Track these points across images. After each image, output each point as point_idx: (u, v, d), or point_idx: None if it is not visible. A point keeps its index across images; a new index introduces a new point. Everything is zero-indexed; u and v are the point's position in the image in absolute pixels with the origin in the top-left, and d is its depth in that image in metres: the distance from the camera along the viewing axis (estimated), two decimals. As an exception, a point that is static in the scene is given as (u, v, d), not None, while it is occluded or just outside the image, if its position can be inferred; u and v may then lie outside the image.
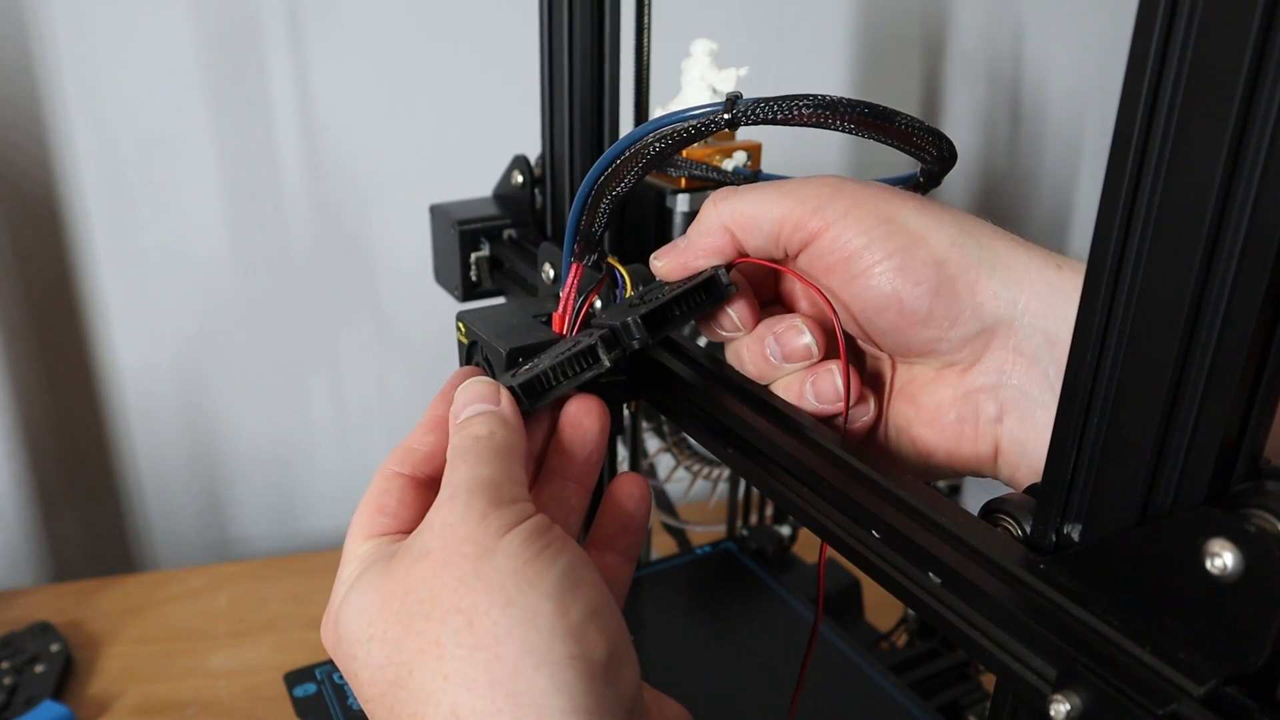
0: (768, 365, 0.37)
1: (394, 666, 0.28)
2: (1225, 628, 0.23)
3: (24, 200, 0.83)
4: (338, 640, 0.31)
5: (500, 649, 0.27)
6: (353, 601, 0.30)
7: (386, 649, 0.28)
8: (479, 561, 0.28)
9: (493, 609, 0.27)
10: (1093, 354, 0.25)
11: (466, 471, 0.31)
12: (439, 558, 0.29)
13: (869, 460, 0.34)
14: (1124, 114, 0.23)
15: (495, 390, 0.35)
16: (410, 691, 0.28)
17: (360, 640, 0.29)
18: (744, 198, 0.36)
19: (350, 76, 0.86)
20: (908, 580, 0.31)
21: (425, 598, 0.28)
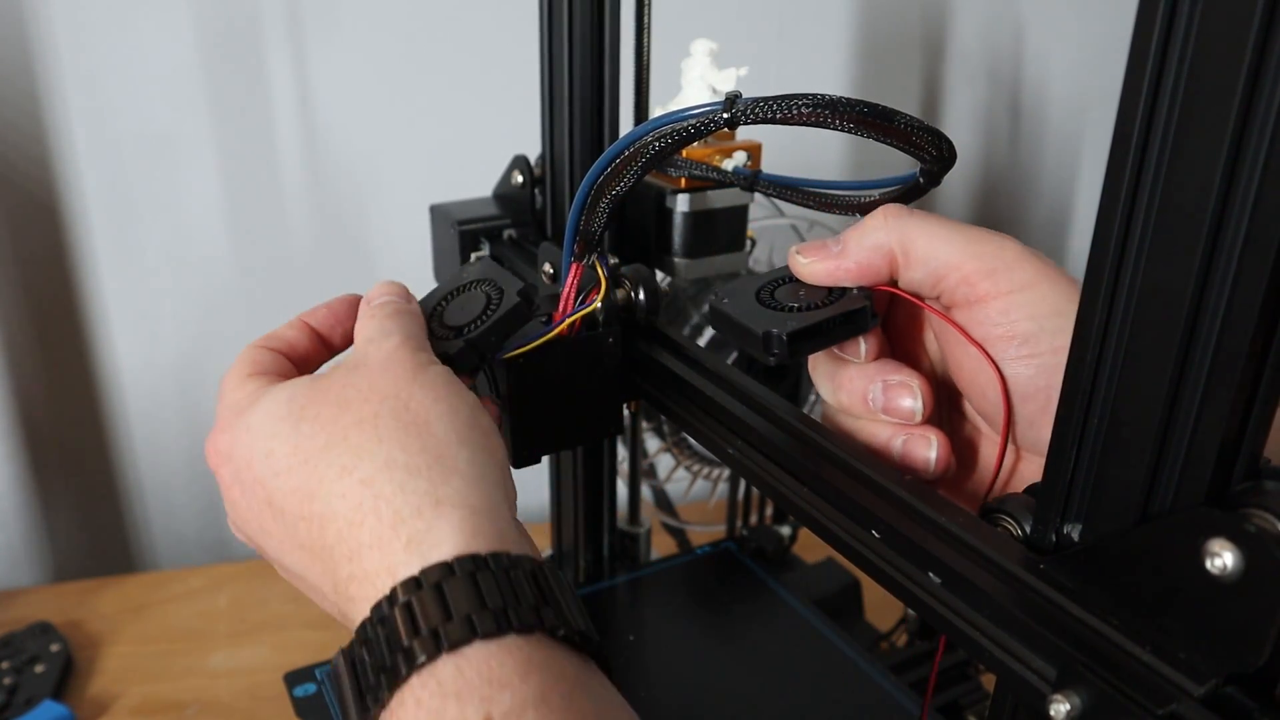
0: (862, 406, 0.36)
1: (325, 435, 0.32)
2: (1225, 628, 0.23)
3: (24, 200, 0.83)
4: (246, 431, 0.34)
5: (430, 426, 0.32)
6: (276, 395, 0.34)
7: (317, 425, 0.33)
8: (416, 371, 0.34)
9: (425, 399, 0.33)
10: (1093, 354, 0.25)
11: (396, 325, 0.37)
12: (378, 366, 0.34)
13: (869, 460, 0.34)
14: (1124, 114, 0.23)
15: (406, 290, 0.40)
16: (342, 451, 0.32)
17: (285, 420, 0.33)
18: (919, 228, 0.34)
19: (350, 76, 0.86)
20: (908, 580, 0.31)
21: (363, 388, 0.33)
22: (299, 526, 0.32)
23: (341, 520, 0.31)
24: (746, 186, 0.48)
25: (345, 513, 0.31)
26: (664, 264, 0.53)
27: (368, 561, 0.30)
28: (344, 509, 0.31)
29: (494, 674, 0.27)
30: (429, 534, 0.30)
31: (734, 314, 0.36)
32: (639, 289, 0.45)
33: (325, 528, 0.31)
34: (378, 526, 0.30)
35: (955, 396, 0.37)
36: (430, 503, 0.30)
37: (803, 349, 0.34)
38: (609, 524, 0.59)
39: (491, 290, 0.41)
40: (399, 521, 0.30)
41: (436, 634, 0.27)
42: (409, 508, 0.30)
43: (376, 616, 0.29)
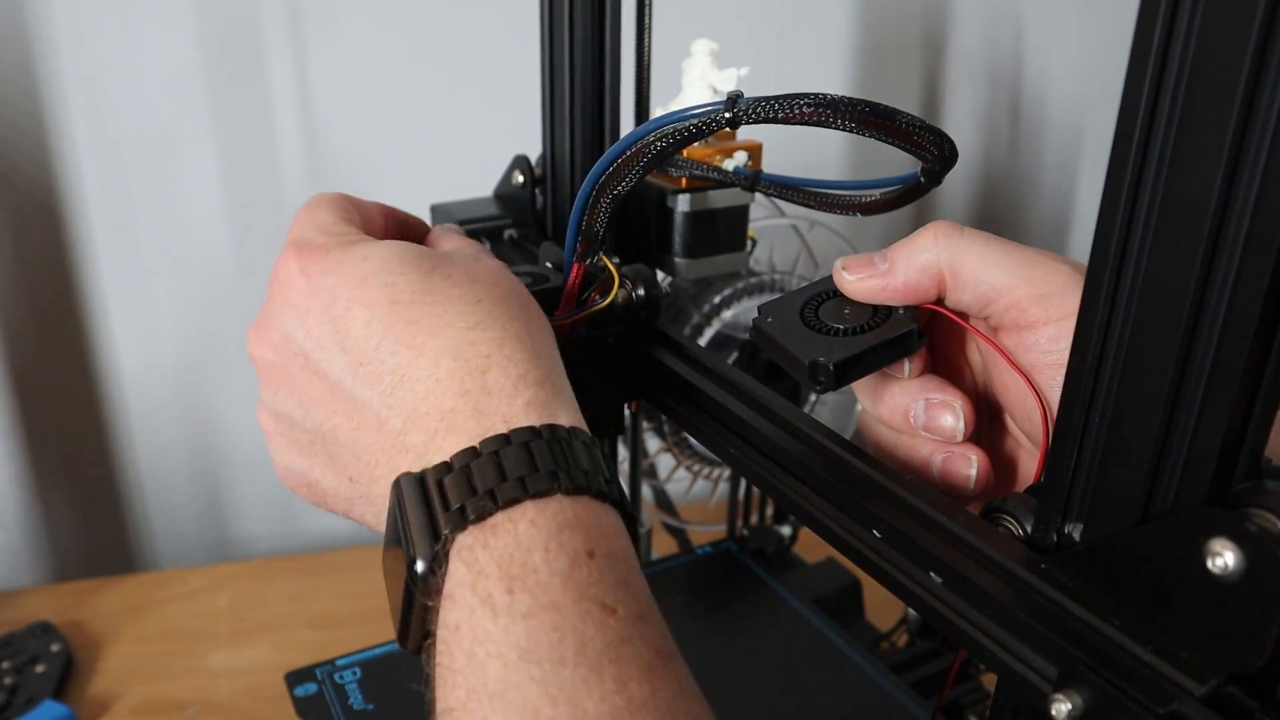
0: (904, 422, 0.36)
1: (458, 290, 0.34)
2: (1226, 627, 0.23)
3: (24, 200, 0.83)
4: (364, 260, 0.35)
5: (544, 333, 0.35)
6: (400, 246, 0.35)
7: (449, 282, 0.34)
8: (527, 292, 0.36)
9: (537, 314, 0.36)
10: (1094, 354, 0.25)
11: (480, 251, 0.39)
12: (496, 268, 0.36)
13: (869, 460, 0.34)
14: (1125, 113, 0.23)
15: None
16: (476, 310, 0.33)
17: (414, 265, 0.34)
18: (970, 249, 0.34)
19: (350, 76, 0.86)
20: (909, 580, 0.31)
21: (491, 273, 0.36)
22: (401, 353, 0.33)
23: (465, 360, 0.32)
24: (747, 186, 0.48)
25: (471, 357, 0.32)
26: (665, 264, 0.53)
27: (484, 403, 0.31)
28: (471, 354, 0.32)
29: (598, 522, 0.30)
30: (548, 404, 0.32)
31: (778, 336, 0.35)
32: (640, 289, 0.45)
33: (439, 362, 0.32)
34: (502, 380, 0.32)
35: (997, 410, 0.37)
36: (550, 383, 0.33)
37: (849, 376, 0.34)
38: (609, 524, 0.59)
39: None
40: (523, 384, 0.32)
41: (554, 475, 0.29)
42: (533, 377, 0.32)
43: (489, 449, 0.30)
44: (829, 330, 0.35)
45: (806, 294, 0.37)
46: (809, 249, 0.67)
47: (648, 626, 0.28)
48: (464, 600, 0.28)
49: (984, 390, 0.37)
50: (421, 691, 0.30)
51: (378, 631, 0.66)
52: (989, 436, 0.38)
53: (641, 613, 0.29)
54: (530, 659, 0.26)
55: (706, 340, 0.59)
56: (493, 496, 0.29)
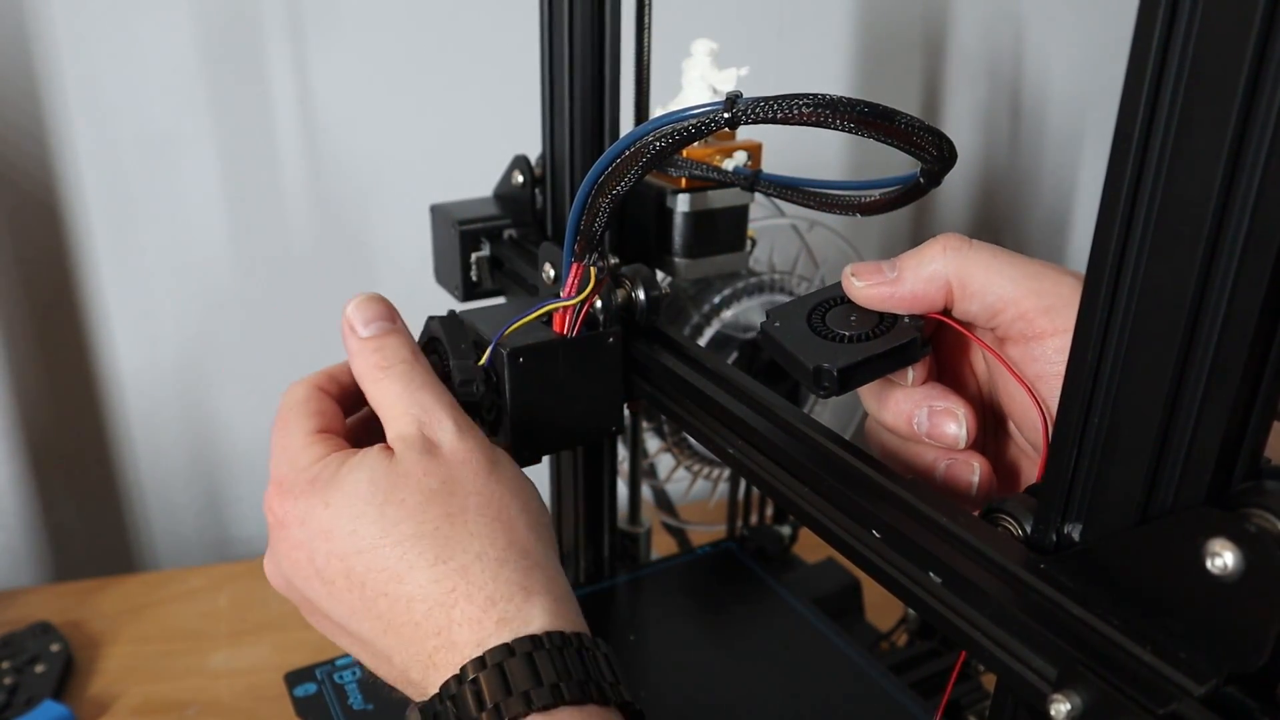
0: (908, 428, 0.36)
1: (414, 524, 0.35)
2: (1226, 627, 0.23)
3: (24, 200, 0.83)
4: (326, 507, 0.36)
5: (513, 523, 0.36)
6: (357, 475, 0.36)
7: (403, 512, 0.35)
8: (493, 466, 0.37)
9: (505, 495, 0.36)
10: (1093, 354, 0.25)
11: (430, 397, 0.38)
12: (454, 457, 0.36)
13: (869, 460, 0.34)
14: (1125, 113, 0.23)
15: (391, 308, 0.42)
16: (434, 542, 0.34)
17: (369, 503, 0.35)
18: (978, 261, 0.34)
19: (350, 76, 0.86)
20: (908, 580, 0.31)
21: (446, 479, 0.36)
22: (379, 601, 0.34)
23: (433, 601, 0.34)
24: (747, 186, 0.48)
25: (438, 596, 0.34)
26: (664, 264, 0.53)
27: (458, 635, 0.33)
28: (437, 592, 0.34)
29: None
30: (519, 615, 0.33)
31: (785, 341, 0.35)
32: (639, 289, 0.45)
33: (413, 606, 0.34)
34: (469, 608, 0.33)
35: (1002, 418, 0.37)
36: (520, 590, 0.34)
37: (853, 382, 0.34)
38: (609, 524, 0.59)
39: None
40: (491, 605, 0.33)
41: (527, 696, 0.31)
42: (500, 594, 0.34)
43: (466, 677, 0.32)
44: (835, 336, 0.35)
45: (814, 300, 0.37)
46: (809, 249, 0.67)
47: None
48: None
49: (989, 398, 0.37)
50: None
51: (378, 631, 0.66)
52: (993, 444, 0.38)
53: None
54: None
55: (706, 340, 0.59)
56: None
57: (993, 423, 0.38)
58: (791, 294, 0.62)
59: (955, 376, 0.38)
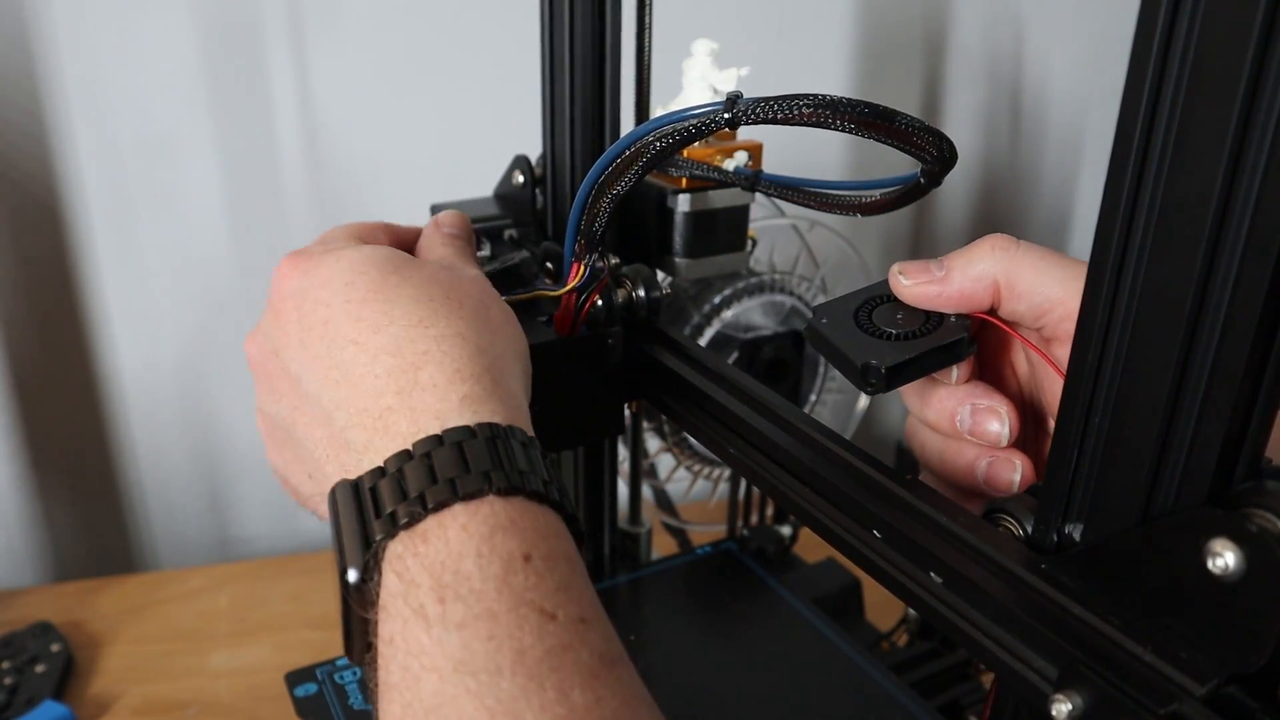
0: (950, 426, 0.36)
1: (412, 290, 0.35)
2: (1227, 627, 0.23)
3: (25, 201, 0.82)
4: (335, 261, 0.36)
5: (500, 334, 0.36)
6: (373, 248, 0.37)
7: (405, 282, 0.35)
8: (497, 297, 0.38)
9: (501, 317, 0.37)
10: (1094, 354, 0.25)
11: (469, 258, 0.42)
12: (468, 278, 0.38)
13: (870, 460, 0.34)
14: (1125, 114, 0.23)
15: (467, 222, 0.46)
16: (424, 308, 0.34)
17: (375, 266, 0.36)
18: (1026, 261, 0.34)
19: (351, 76, 0.86)
20: (909, 580, 0.31)
21: (455, 281, 0.37)
22: (346, 349, 0.33)
23: (403, 357, 0.32)
24: (747, 186, 0.48)
25: (409, 353, 0.32)
26: (665, 264, 0.53)
27: (418, 399, 0.31)
28: (410, 351, 0.32)
29: (536, 524, 0.29)
30: (484, 400, 0.32)
31: (833, 338, 0.36)
32: (640, 289, 0.45)
33: (379, 359, 0.33)
34: (437, 375, 0.32)
35: (1043, 416, 0.37)
36: (489, 378, 0.33)
37: (900, 380, 0.35)
38: (610, 524, 0.59)
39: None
40: (459, 379, 0.32)
41: (487, 475, 0.29)
42: (470, 372, 0.32)
43: (420, 450, 0.30)
44: (882, 334, 0.35)
45: (861, 297, 0.37)
46: (809, 249, 0.67)
47: (590, 631, 0.28)
48: (397, 612, 0.28)
49: (1030, 396, 0.38)
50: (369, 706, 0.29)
51: (378, 631, 0.66)
52: (1035, 442, 0.38)
53: (584, 616, 0.28)
54: (466, 670, 0.26)
55: (706, 340, 0.59)
56: (422, 501, 0.28)
57: (1034, 423, 0.38)
58: (792, 294, 0.62)
59: (997, 374, 0.38)
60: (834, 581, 0.66)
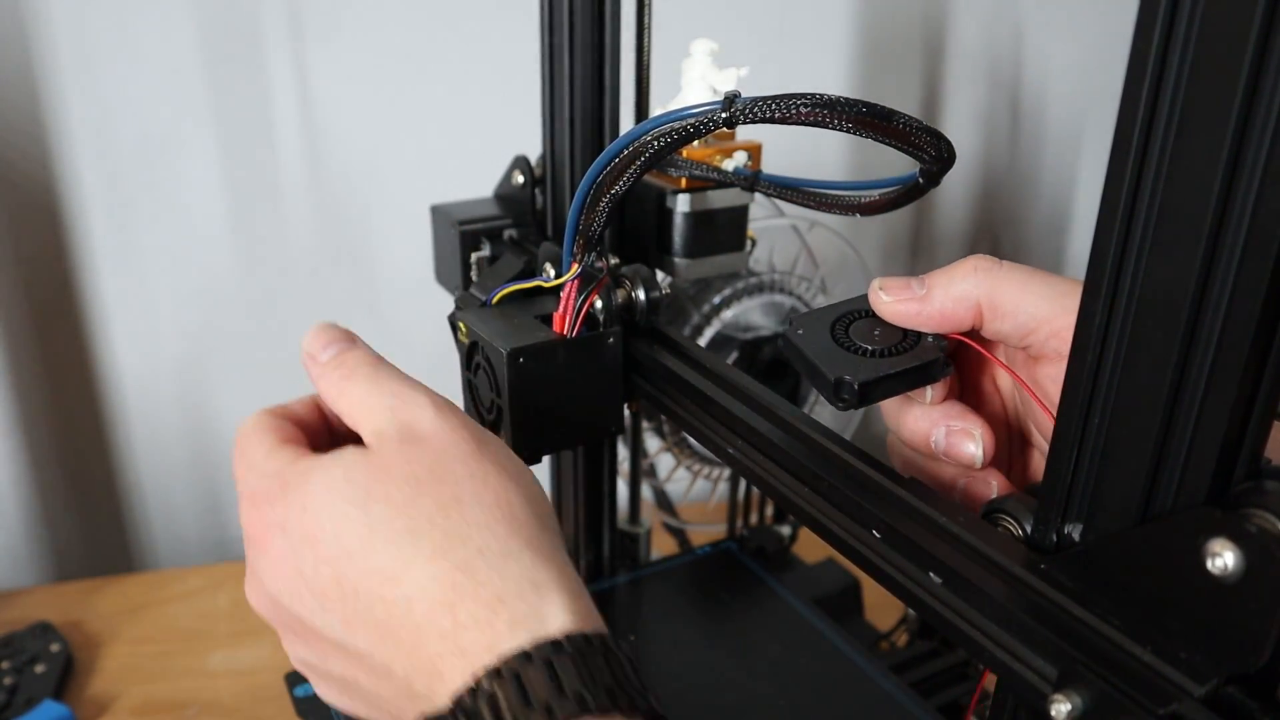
0: (926, 446, 0.36)
1: (405, 519, 0.32)
2: (1226, 628, 0.23)
3: (24, 201, 0.83)
4: (303, 511, 0.33)
5: (512, 509, 0.33)
6: (330, 471, 0.33)
7: (391, 508, 0.32)
8: (480, 444, 0.34)
9: (501, 478, 0.33)
10: (1093, 354, 0.25)
11: (395, 385, 0.36)
12: (440, 439, 0.34)
13: (869, 460, 0.34)
14: (1124, 114, 0.23)
15: (347, 332, 0.39)
16: (429, 537, 0.31)
17: (351, 502, 0.32)
18: (1009, 281, 0.33)
19: (351, 77, 0.86)
20: (908, 580, 0.31)
21: (432, 466, 0.33)
22: (375, 607, 0.31)
23: (434, 601, 0.30)
24: (747, 186, 0.48)
25: (438, 595, 0.30)
26: (664, 264, 0.53)
27: (465, 639, 0.30)
28: (437, 591, 0.31)
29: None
30: (532, 616, 0.30)
31: (807, 350, 0.35)
32: (639, 289, 0.45)
33: (412, 608, 0.31)
34: (476, 608, 0.30)
35: (1027, 429, 0.37)
36: (530, 587, 0.31)
37: (873, 396, 0.34)
38: (609, 524, 0.59)
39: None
40: (499, 604, 0.30)
41: (549, 708, 0.28)
42: (509, 591, 0.30)
43: (482, 690, 0.29)
44: (858, 350, 0.35)
45: (839, 310, 0.37)
46: (809, 249, 0.67)
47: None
48: None
49: (1013, 413, 0.37)
50: None
51: (377, 631, 0.66)
52: (1019, 458, 0.38)
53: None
54: None
55: (706, 340, 0.59)
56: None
57: (1019, 436, 0.38)
58: (791, 294, 0.62)
59: (977, 391, 0.38)
60: (834, 581, 0.66)
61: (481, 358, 0.45)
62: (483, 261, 0.54)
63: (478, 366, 0.45)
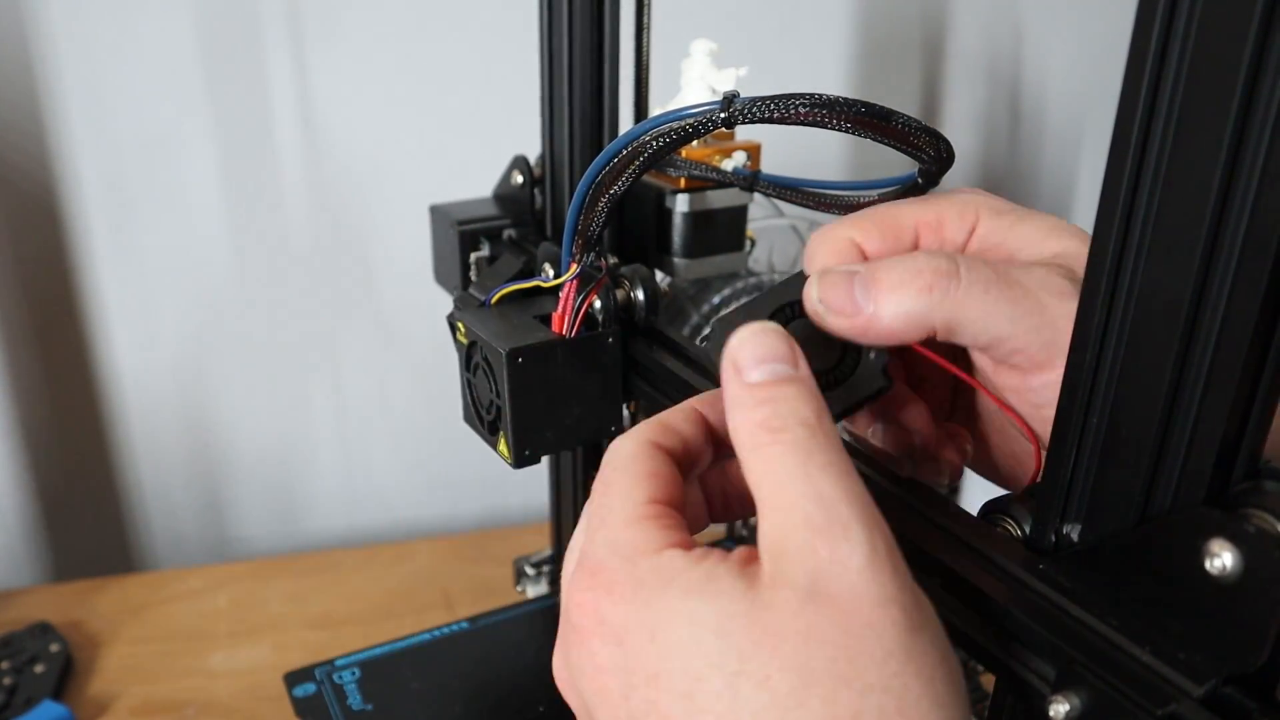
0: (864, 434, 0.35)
1: (779, 714, 0.24)
2: (1224, 628, 0.23)
3: (24, 201, 0.83)
4: (651, 635, 0.26)
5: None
6: (699, 610, 0.25)
7: (765, 695, 0.24)
8: (911, 636, 0.24)
9: (923, 700, 0.24)
10: (1092, 354, 0.25)
11: (836, 486, 0.25)
12: (854, 611, 0.24)
13: (869, 460, 0.34)
14: (1123, 114, 0.23)
15: (792, 347, 0.28)
16: None
17: (716, 664, 0.24)
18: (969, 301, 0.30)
19: (350, 76, 0.86)
20: (907, 580, 0.31)
21: (838, 656, 0.24)
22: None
23: None
24: (746, 186, 0.48)
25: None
26: (663, 264, 0.53)
27: None
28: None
29: None
30: None
31: None
32: (638, 289, 0.45)
33: None
34: None
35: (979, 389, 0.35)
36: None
37: None
38: (609, 524, 0.59)
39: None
40: None
41: None
42: None
43: None
44: None
45: (772, 303, 0.33)
46: (808, 249, 0.67)
47: None
48: None
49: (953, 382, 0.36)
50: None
51: (377, 631, 0.66)
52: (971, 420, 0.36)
53: None
54: None
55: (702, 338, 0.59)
56: None
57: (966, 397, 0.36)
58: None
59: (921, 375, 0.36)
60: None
61: (480, 358, 0.45)
62: (482, 261, 0.54)
63: (477, 367, 0.45)
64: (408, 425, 0.97)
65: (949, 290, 0.30)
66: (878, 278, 0.30)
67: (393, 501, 0.99)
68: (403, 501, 0.99)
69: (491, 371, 0.44)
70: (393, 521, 0.99)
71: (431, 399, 0.95)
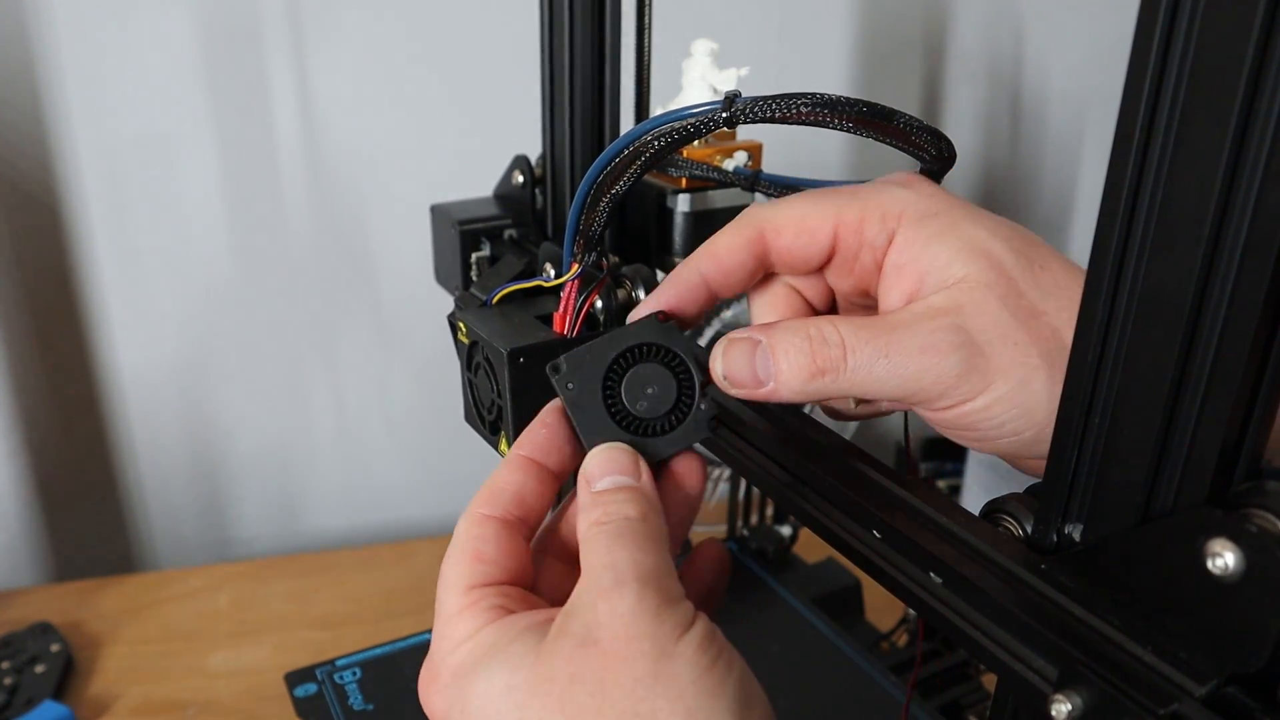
0: None
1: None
2: (1226, 628, 0.23)
3: (24, 201, 0.83)
4: (461, 711, 0.29)
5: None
6: (494, 674, 0.29)
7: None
8: (658, 663, 0.27)
9: (674, 716, 0.27)
10: (1094, 354, 0.25)
11: (628, 557, 0.29)
12: (612, 650, 0.27)
13: (870, 460, 0.34)
14: (1125, 114, 0.23)
15: (634, 461, 0.33)
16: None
17: (503, 717, 0.28)
18: (855, 377, 0.31)
19: (350, 76, 0.86)
20: (909, 580, 0.31)
21: (595, 691, 0.27)
22: None
23: None
24: (747, 186, 0.48)
25: None
26: (665, 264, 0.53)
27: None
28: None
29: None
30: None
31: (570, 400, 0.33)
32: (639, 289, 0.45)
33: None
34: None
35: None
36: None
37: None
38: (609, 524, 0.59)
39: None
40: None
41: None
42: None
43: None
44: (619, 414, 0.34)
45: (619, 346, 0.34)
46: (809, 249, 0.67)
47: None
48: None
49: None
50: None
51: (377, 632, 0.66)
52: None
53: None
54: None
55: (706, 340, 0.59)
56: None
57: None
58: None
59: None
60: (834, 581, 0.66)
61: (481, 358, 0.45)
62: (483, 261, 0.54)
63: (478, 366, 0.45)
64: (408, 425, 0.97)
65: (839, 373, 0.31)
66: (775, 355, 0.32)
67: (393, 501, 0.99)
68: (403, 501, 0.99)
69: (493, 371, 0.44)
70: (393, 521, 0.99)
71: (432, 399, 0.95)
